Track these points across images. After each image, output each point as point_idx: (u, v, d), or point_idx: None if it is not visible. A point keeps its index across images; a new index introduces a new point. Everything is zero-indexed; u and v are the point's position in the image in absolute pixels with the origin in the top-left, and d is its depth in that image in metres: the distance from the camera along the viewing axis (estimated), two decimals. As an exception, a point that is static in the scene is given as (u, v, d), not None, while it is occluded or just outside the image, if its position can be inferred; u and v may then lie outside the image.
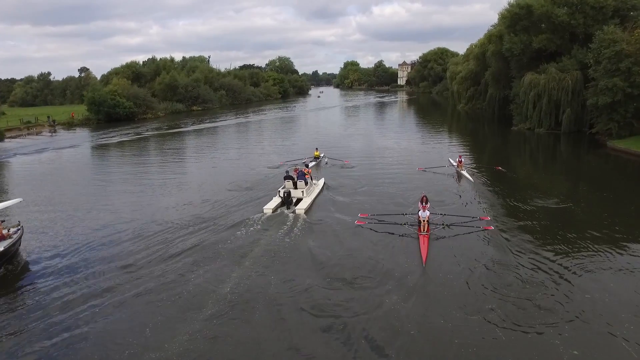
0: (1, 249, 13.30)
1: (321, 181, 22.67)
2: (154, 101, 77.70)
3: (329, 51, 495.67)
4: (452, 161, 26.12)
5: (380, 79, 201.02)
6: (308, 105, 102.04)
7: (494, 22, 52.54)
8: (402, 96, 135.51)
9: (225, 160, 32.46)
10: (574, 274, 11.97)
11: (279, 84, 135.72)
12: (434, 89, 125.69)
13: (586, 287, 11.18)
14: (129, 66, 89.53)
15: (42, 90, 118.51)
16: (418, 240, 14.46)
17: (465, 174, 23.64)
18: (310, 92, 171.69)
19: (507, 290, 11.10)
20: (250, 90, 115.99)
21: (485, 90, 58.41)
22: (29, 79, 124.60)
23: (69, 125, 63.17)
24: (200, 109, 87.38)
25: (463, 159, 25.05)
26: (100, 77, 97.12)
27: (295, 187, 19.52)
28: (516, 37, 41.53)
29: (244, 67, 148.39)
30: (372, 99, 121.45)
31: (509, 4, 42.92)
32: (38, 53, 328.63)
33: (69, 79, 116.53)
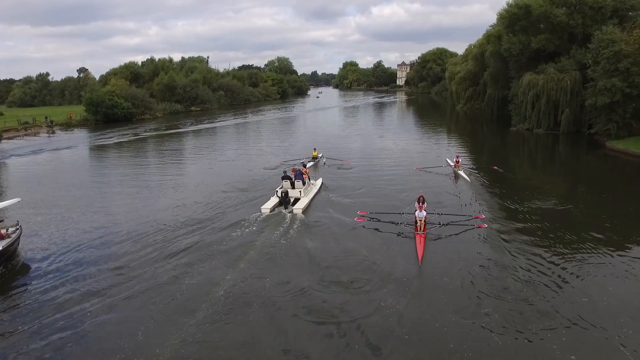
0: (0, 248, 13.32)
1: (319, 181, 22.64)
2: (152, 102, 77.42)
3: (328, 51, 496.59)
4: (450, 161, 26.13)
5: (379, 80, 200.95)
6: (307, 106, 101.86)
7: (492, 23, 52.52)
8: (401, 96, 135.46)
9: (223, 161, 32.30)
10: (571, 276, 11.84)
11: (278, 85, 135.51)
12: (433, 89, 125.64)
13: (584, 290, 11.05)
14: (127, 67, 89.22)
15: (41, 91, 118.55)
16: (414, 239, 14.48)
17: (463, 174, 23.68)
18: (309, 93, 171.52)
19: (504, 293, 10.97)
20: (249, 90, 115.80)
21: (484, 91, 58.33)
22: (27, 80, 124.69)
23: (67, 126, 62.88)
24: (198, 109, 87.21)
25: (460, 159, 25.10)
26: (98, 78, 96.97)
27: (292, 187, 19.52)
28: (515, 38, 41.42)
29: (242, 68, 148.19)
30: (371, 99, 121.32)
31: (507, 4, 42.88)
32: (37, 53, 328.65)
33: (68, 80, 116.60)
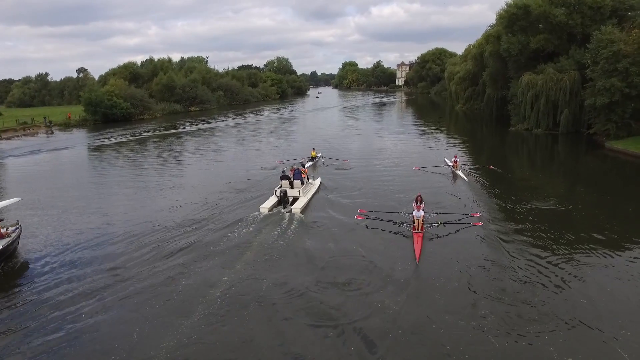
0: (0, 247, 13.40)
1: (317, 181, 22.69)
2: (151, 102, 77.33)
3: (327, 52, 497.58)
4: (448, 161, 26.29)
5: (379, 80, 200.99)
6: (306, 106, 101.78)
7: (492, 23, 52.41)
8: (401, 97, 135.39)
9: (222, 162, 32.22)
10: (570, 276, 11.77)
11: (277, 85, 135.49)
12: (432, 89, 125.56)
13: (582, 291, 10.97)
14: (126, 67, 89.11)
15: (40, 91, 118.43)
16: (412, 238, 14.54)
17: (461, 173, 23.78)
18: (309, 93, 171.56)
19: (501, 294, 10.89)
20: (248, 90, 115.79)
21: (483, 91, 58.22)
22: (26, 80, 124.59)
23: (66, 126, 62.79)
24: (197, 109, 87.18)
25: (459, 159, 25.21)
26: (98, 78, 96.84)
27: (291, 187, 19.55)
28: (514, 38, 41.34)
29: (242, 68, 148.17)
30: (371, 99, 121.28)
31: (506, 4, 42.73)
32: (36, 54, 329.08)
33: (67, 80, 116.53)
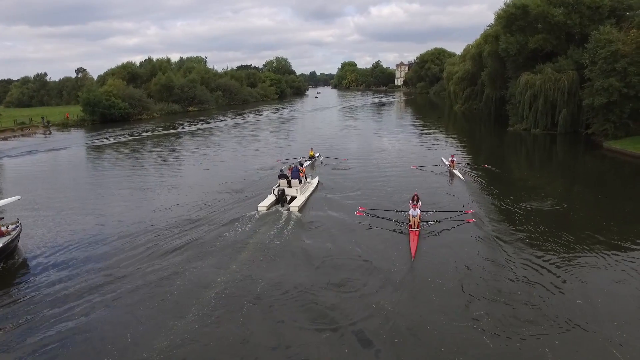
0: (0, 245, 13.53)
1: (315, 180, 22.92)
2: (149, 102, 77.24)
3: (326, 52, 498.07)
4: (445, 160, 26.52)
5: (378, 80, 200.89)
6: (305, 106, 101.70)
7: (490, 23, 52.31)
8: (400, 97, 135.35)
9: (220, 162, 32.12)
10: (566, 277, 11.72)
11: (276, 85, 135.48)
12: (431, 89, 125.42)
13: (578, 292, 10.91)
14: (125, 67, 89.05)
15: (39, 91, 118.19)
16: (408, 236, 14.71)
17: (457, 173, 24.00)
18: (308, 93, 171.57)
19: (497, 295, 10.83)
20: (247, 90, 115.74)
21: (481, 91, 58.13)
22: (25, 80, 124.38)
23: (64, 126, 62.73)
24: (196, 109, 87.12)
25: (456, 159, 25.43)
26: (96, 78, 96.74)
27: (289, 186, 19.77)
28: (512, 37, 41.26)
29: (241, 68, 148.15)
30: (370, 99, 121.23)
31: (505, 4, 42.65)
32: (35, 54, 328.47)
33: (66, 80, 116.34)
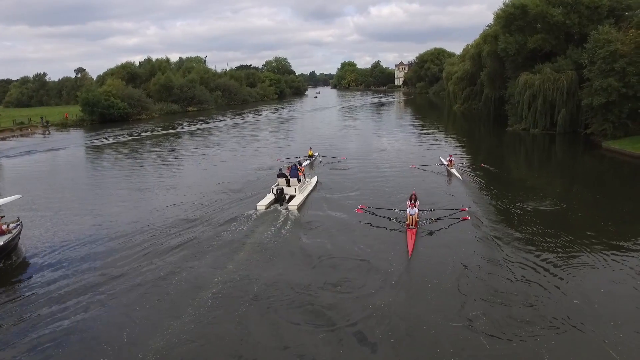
0: (1, 244, 13.64)
1: (314, 179, 23.08)
2: (148, 102, 77.14)
3: (326, 52, 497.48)
4: (443, 160, 26.75)
5: (378, 80, 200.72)
6: (305, 106, 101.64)
7: (490, 22, 52.32)
8: (399, 97, 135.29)
9: (218, 162, 32.06)
10: (563, 277, 11.69)
11: (276, 85, 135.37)
12: (431, 89, 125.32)
13: (575, 293, 10.87)
14: (124, 67, 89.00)
15: (38, 91, 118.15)
16: (406, 234, 14.84)
17: (455, 172, 24.17)
18: (307, 93, 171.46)
19: (493, 296, 10.80)
20: (247, 90, 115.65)
21: (480, 91, 58.09)
22: (24, 80, 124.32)
23: (63, 126, 62.66)
24: (195, 109, 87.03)
25: (454, 158, 25.60)
26: (96, 78, 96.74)
27: (288, 185, 19.92)
28: (511, 37, 41.23)
29: (240, 68, 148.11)
30: (369, 99, 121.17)
31: (504, 3, 42.64)
32: (35, 54, 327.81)
33: (65, 80, 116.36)
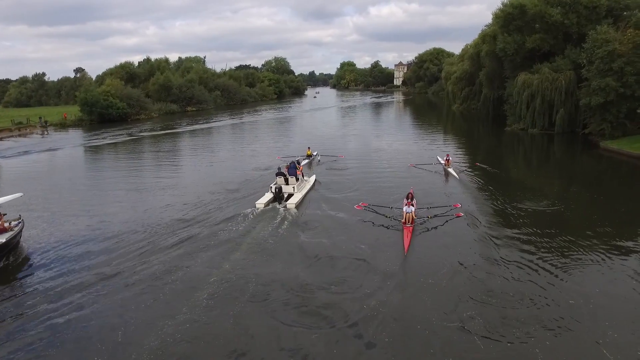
0: (3, 241, 13.78)
1: (312, 178, 23.22)
2: (147, 102, 77.00)
3: (325, 52, 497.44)
4: (440, 159, 27.03)
5: (377, 80, 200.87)
6: (304, 106, 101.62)
7: (488, 22, 52.28)
8: (398, 97, 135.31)
9: (217, 162, 32.02)
10: (558, 277, 11.68)
11: (275, 85, 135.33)
12: (430, 89, 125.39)
13: (570, 293, 10.86)
14: (123, 67, 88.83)
15: (37, 91, 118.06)
16: (402, 232, 14.96)
17: (452, 171, 24.41)
18: (307, 93, 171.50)
19: (488, 295, 10.78)
20: (246, 90, 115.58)
21: (479, 91, 58.06)
22: (23, 80, 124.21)
23: (61, 126, 62.50)
24: (194, 109, 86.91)
25: (451, 158, 25.96)
26: (95, 78, 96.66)
27: (286, 183, 20.06)
28: (510, 37, 41.24)
29: (239, 68, 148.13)
30: (368, 99, 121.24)
31: (502, 3, 42.74)
32: (34, 54, 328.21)
33: (64, 80, 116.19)
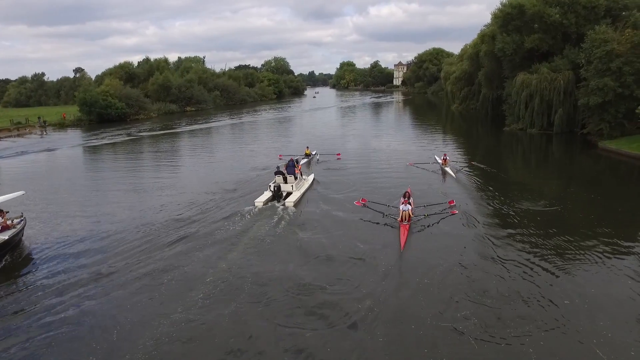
0: (6, 238, 14.02)
1: (311, 177, 23.40)
2: (146, 102, 77.04)
3: (325, 52, 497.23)
4: (438, 158, 27.25)
5: (376, 80, 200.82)
6: (303, 106, 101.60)
7: (488, 22, 52.30)
8: (398, 97, 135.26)
9: (218, 161, 32.06)
10: (554, 277, 11.69)
11: (274, 85, 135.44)
12: (429, 89, 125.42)
13: (566, 292, 10.86)
14: (122, 67, 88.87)
15: (36, 91, 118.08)
16: (399, 229, 15.09)
17: (449, 170, 24.57)
18: (306, 93, 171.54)
19: (483, 295, 10.79)
20: (245, 90, 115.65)
21: (478, 91, 58.12)
22: (22, 80, 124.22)
23: (60, 126, 62.54)
24: (194, 109, 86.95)
25: (448, 157, 26.20)
26: (94, 78, 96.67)
27: (285, 182, 20.27)
28: (508, 37, 41.26)
29: (239, 68, 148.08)
30: (368, 99, 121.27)
31: (501, 3, 42.74)
32: (34, 54, 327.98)
33: (64, 80, 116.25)
